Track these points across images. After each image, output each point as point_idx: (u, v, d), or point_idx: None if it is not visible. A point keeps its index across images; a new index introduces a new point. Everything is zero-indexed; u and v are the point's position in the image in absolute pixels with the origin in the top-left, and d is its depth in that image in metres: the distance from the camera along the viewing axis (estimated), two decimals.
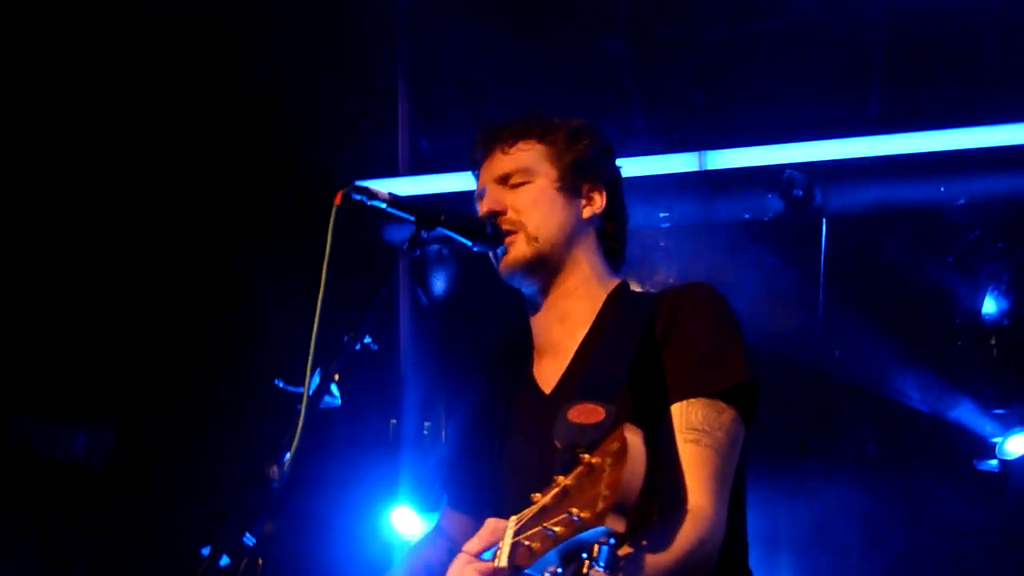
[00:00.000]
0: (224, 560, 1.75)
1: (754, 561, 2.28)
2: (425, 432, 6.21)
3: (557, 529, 1.43)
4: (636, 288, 2.49)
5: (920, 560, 5.73)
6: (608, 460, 1.41)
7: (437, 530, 2.64)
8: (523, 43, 4.80)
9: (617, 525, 1.36)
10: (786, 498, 5.94)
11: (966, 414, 5.59)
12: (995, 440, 5.66)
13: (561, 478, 1.50)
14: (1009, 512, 5.68)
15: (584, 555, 1.42)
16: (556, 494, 1.49)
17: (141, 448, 5.56)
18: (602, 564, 1.41)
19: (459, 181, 5.13)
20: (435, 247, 5.54)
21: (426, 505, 5.90)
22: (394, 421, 6.16)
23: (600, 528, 1.37)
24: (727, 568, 2.07)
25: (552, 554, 1.46)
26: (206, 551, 1.74)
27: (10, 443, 5.53)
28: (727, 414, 2.08)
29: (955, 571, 5.63)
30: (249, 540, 1.78)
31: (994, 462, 5.72)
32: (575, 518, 1.40)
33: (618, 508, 1.36)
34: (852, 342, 5.36)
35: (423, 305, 5.89)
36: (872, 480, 5.87)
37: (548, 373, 2.38)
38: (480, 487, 2.44)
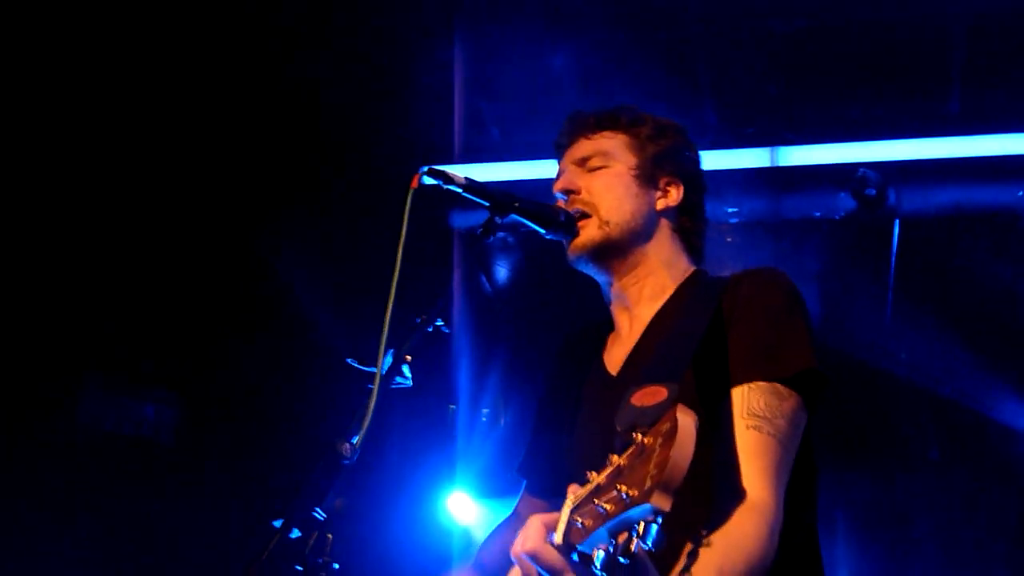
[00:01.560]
0: (295, 533, 1.77)
1: None
2: (483, 419, 6.25)
3: (607, 507, 1.45)
4: None
5: (980, 565, 5.65)
6: (659, 440, 1.43)
7: (515, 515, 2.66)
8: (593, 35, 4.79)
9: (662, 503, 1.37)
10: (844, 500, 5.88)
11: None
12: None
13: (615, 457, 1.52)
14: None
15: (632, 533, 1.43)
16: (610, 473, 1.51)
17: (213, 422, 5.66)
18: (648, 543, 1.42)
19: (515, 170, 5.13)
20: (501, 235, 5.55)
21: (482, 491, 5.94)
22: (453, 407, 6.21)
23: (647, 506, 1.38)
24: (796, 557, 2.05)
25: (602, 531, 1.47)
26: (278, 523, 1.77)
27: (78, 418, 5.65)
28: (789, 401, 2.05)
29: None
30: (320, 515, 1.80)
31: None
32: (624, 496, 1.42)
33: (664, 487, 1.37)
34: (920, 345, 5.28)
35: (485, 292, 5.92)
36: (934, 485, 5.79)
37: (616, 356, 2.38)
38: (555, 471, 2.44)
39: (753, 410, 2.02)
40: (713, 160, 4.88)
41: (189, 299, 5.46)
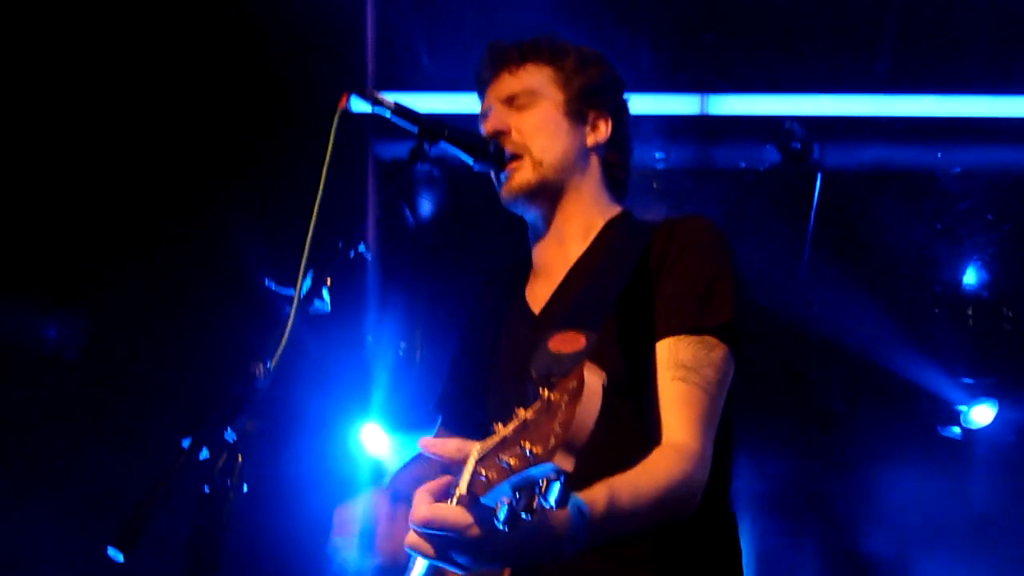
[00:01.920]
0: (204, 453, 1.73)
1: None
2: (399, 353, 6.22)
3: (511, 462, 1.44)
4: None
5: (874, 519, 5.84)
6: (565, 398, 1.41)
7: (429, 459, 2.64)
8: None
9: (565, 464, 1.36)
10: (746, 448, 6.02)
11: (935, 380, 5.67)
12: (961, 408, 5.75)
13: (522, 411, 1.50)
14: (967, 479, 5.79)
15: (536, 490, 1.43)
16: (516, 427, 1.49)
17: (121, 338, 5.52)
18: (551, 501, 1.41)
19: (437, 102, 5.03)
20: (426, 167, 5.48)
21: (395, 424, 5.93)
22: (370, 338, 6.17)
23: (549, 465, 1.37)
24: (711, 508, 2.06)
25: (505, 486, 1.46)
26: (186, 443, 1.73)
27: None
28: (717, 351, 2.05)
29: (908, 532, 5.75)
30: (230, 436, 1.76)
31: (957, 430, 5.82)
32: (527, 452, 1.41)
33: (567, 446, 1.36)
34: (831, 299, 5.39)
35: (408, 225, 5.85)
36: (836, 436, 5.95)
37: (539, 293, 2.37)
38: (471, 408, 2.44)
39: (680, 361, 2.02)
40: (643, 104, 4.87)
41: (93, 209, 5.29)
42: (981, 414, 5.70)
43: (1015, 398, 5.69)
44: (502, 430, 1.52)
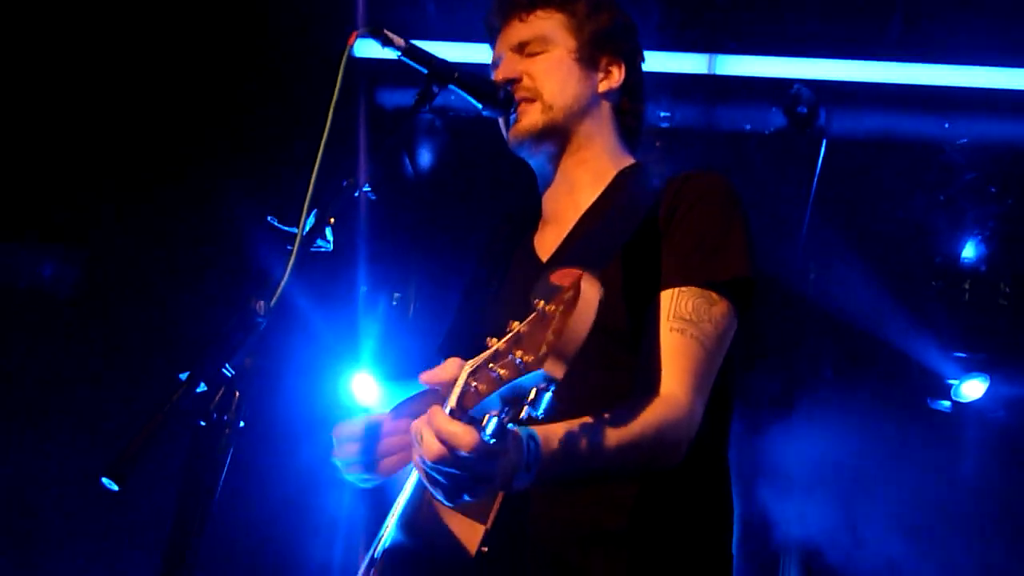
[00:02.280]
0: (201, 387, 1.71)
1: None
2: (394, 303, 6.20)
3: (501, 372, 1.42)
4: None
5: (859, 486, 5.87)
6: (560, 307, 1.38)
7: (432, 392, 2.62)
8: None
9: (555, 371, 1.33)
10: (737, 413, 6.03)
11: (928, 353, 5.67)
12: (952, 382, 5.77)
13: (516, 324, 1.48)
14: (954, 453, 5.82)
15: (525, 400, 1.40)
16: (509, 339, 1.47)
17: (120, 275, 5.49)
18: (539, 411, 1.39)
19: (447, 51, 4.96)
20: (428, 117, 5.43)
21: (388, 373, 5.93)
22: (364, 288, 6.14)
23: (539, 372, 1.34)
24: (703, 464, 2.06)
25: (495, 397, 1.44)
26: (183, 376, 1.71)
27: None
28: (719, 306, 2.03)
29: (891, 501, 5.78)
30: (228, 372, 1.75)
31: (947, 403, 5.84)
32: (518, 362, 1.38)
33: (559, 353, 1.33)
34: (829, 266, 5.38)
35: (407, 176, 5.81)
36: (824, 403, 5.96)
37: (548, 241, 2.35)
38: (473, 349, 2.41)
39: (680, 313, 2.00)
40: (650, 62, 4.82)
41: (91, 146, 5.23)
42: (972, 388, 5.71)
43: (1006, 374, 5.71)
44: (495, 343, 1.50)
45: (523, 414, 1.41)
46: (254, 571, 5.11)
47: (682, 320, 1.99)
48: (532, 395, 1.39)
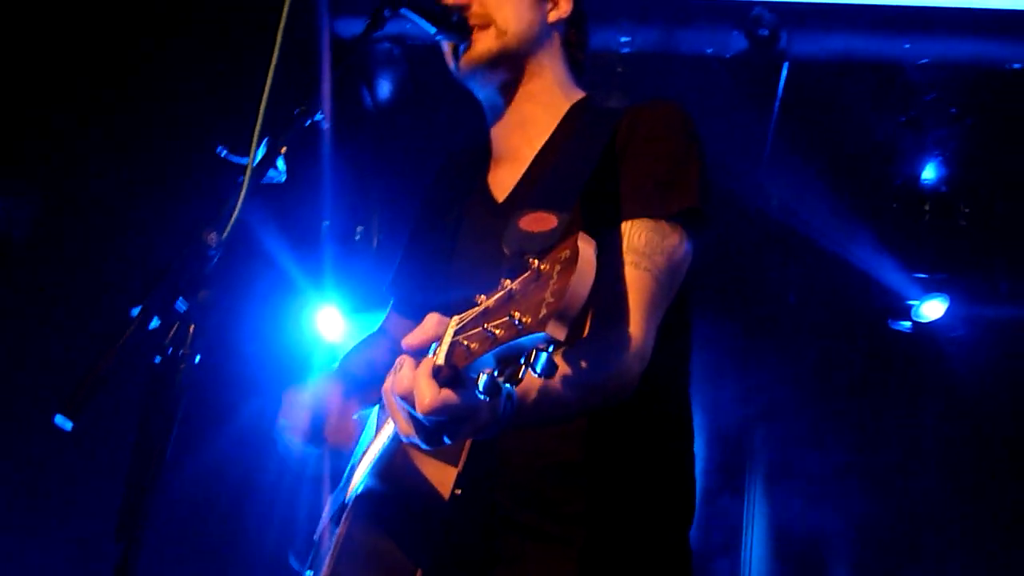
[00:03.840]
0: (154, 322, 1.68)
1: None
2: (356, 237, 6.16)
3: (497, 332, 1.39)
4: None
5: (823, 410, 5.97)
6: (557, 267, 1.37)
7: (381, 331, 2.62)
8: None
9: (558, 333, 1.32)
10: (698, 343, 6.08)
11: (888, 274, 5.73)
12: (912, 303, 5.84)
13: (507, 281, 1.46)
14: (917, 373, 5.92)
15: (522, 360, 1.40)
16: (500, 297, 1.45)
17: (71, 210, 5.39)
18: (539, 370, 1.38)
19: None
20: (386, 45, 5.32)
21: (353, 308, 5.91)
22: (327, 222, 6.09)
23: (540, 334, 1.33)
24: (659, 391, 2.07)
25: (489, 356, 1.42)
26: (135, 311, 1.68)
27: None
28: (672, 238, 2.02)
29: (854, 422, 5.88)
30: (181, 305, 1.71)
31: (908, 324, 5.92)
32: (516, 322, 1.36)
33: (561, 316, 1.32)
34: (792, 188, 5.39)
35: (366, 106, 5.72)
36: (787, 327, 6.03)
37: (503, 181, 2.32)
38: (427, 292, 2.40)
39: (633, 246, 1.99)
40: None
41: (40, 83, 5.10)
42: (932, 308, 5.79)
43: (966, 293, 5.78)
44: (485, 301, 1.48)
45: (521, 374, 1.40)
46: (217, 512, 5.13)
47: (635, 253, 1.99)
48: (532, 355, 1.38)
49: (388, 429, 1.97)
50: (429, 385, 1.49)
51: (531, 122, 2.32)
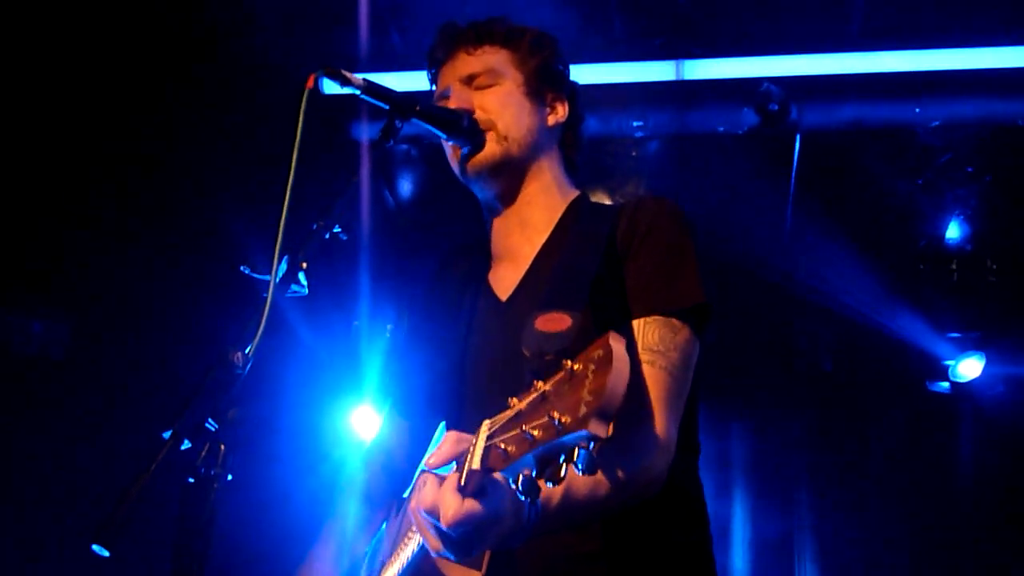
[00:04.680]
0: (185, 444, 1.71)
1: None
2: (387, 334, 6.21)
3: (535, 433, 1.42)
4: (603, 198, 2.46)
5: (868, 479, 5.87)
6: (591, 367, 1.39)
7: (377, 446, 2.60)
8: None
9: (599, 430, 1.35)
10: (738, 414, 6.04)
11: (922, 336, 5.69)
12: (948, 363, 5.78)
13: (540, 383, 1.47)
14: (958, 433, 5.82)
15: (562, 459, 1.41)
16: (534, 399, 1.47)
17: (100, 336, 5.50)
18: (581, 467, 1.39)
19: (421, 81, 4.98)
20: (404, 147, 5.45)
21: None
22: (357, 323, 6.15)
23: (582, 432, 1.35)
24: (679, 482, 2.08)
25: (528, 457, 1.44)
26: (167, 435, 1.71)
27: None
28: (682, 334, 2.06)
29: (903, 490, 5.78)
30: (211, 425, 1.74)
31: (946, 384, 5.85)
32: (556, 423, 1.38)
33: (601, 414, 1.35)
34: (817, 259, 5.39)
35: (389, 207, 5.82)
36: (826, 396, 5.97)
37: (505, 280, 2.36)
38: (428, 393, 2.41)
39: (647, 344, 2.03)
40: (620, 73, 4.85)
41: (74, 209, 5.24)
42: (969, 367, 5.72)
43: (1001, 350, 5.72)
44: (517, 404, 1.50)
45: (563, 472, 1.42)
46: None
47: (651, 351, 2.03)
48: (574, 453, 1.39)
49: (412, 544, 1.98)
50: (453, 498, 1.51)
51: (530, 223, 2.37)
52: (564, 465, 1.41)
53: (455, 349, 2.35)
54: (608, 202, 2.46)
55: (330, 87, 2.21)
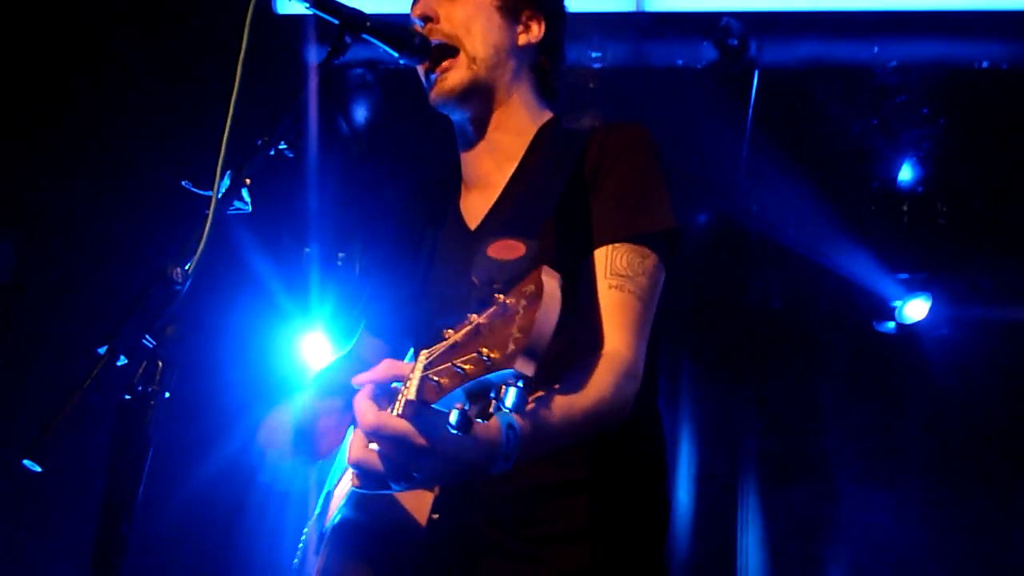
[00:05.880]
0: (121, 360, 1.67)
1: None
2: (339, 263, 6.15)
3: (466, 367, 1.41)
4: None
5: (810, 411, 5.96)
6: (522, 302, 1.38)
7: (350, 354, 2.62)
8: None
9: (526, 368, 1.34)
10: (686, 345, 6.09)
11: (871, 276, 5.74)
12: (895, 304, 5.84)
13: (474, 316, 1.47)
14: (902, 373, 5.92)
15: (492, 395, 1.40)
16: (468, 332, 1.46)
17: (40, 253, 5.38)
18: (509, 406, 1.39)
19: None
20: (359, 71, 5.33)
21: (337, 334, 5.89)
22: (308, 249, 6.08)
23: (509, 370, 1.35)
24: (639, 412, 2.07)
25: (459, 391, 1.43)
26: (102, 350, 1.67)
27: None
28: (651, 259, 2.06)
29: (844, 424, 5.88)
30: (149, 342, 1.70)
31: (892, 324, 5.92)
32: (484, 358, 1.38)
33: (528, 352, 1.34)
34: (770, 196, 5.41)
35: (342, 133, 5.73)
36: (773, 332, 6.03)
37: (475, 208, 2.33)
38: (399, 315, 2.42)
39: (616, 270, 2.03)
40: (579, 2, 4.79)
41: (14, 126, 5.10)
42: (915, 309, 5.79)
43: (948, 292, 5.79)
44: (453, 335, 1.49)
45: (491, 409, 1.41)
46: (203, 544, 5.09)
47: (618, 276, 2.02)
48: (502, 391, 1.39)
49: None
50: (369, 406, 1.51)
51: (500, 149, 2.32)
52: (493, 402, 1.40)
53: (422, 277, 2.35)
54: (572, 128, 2.39)
55: (283, 5, 2.15)
